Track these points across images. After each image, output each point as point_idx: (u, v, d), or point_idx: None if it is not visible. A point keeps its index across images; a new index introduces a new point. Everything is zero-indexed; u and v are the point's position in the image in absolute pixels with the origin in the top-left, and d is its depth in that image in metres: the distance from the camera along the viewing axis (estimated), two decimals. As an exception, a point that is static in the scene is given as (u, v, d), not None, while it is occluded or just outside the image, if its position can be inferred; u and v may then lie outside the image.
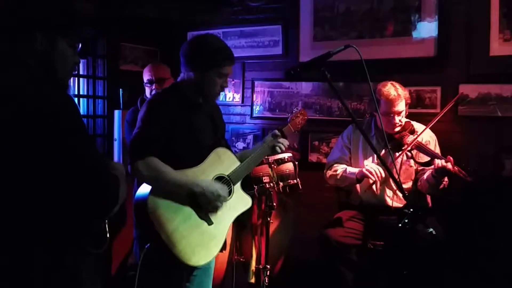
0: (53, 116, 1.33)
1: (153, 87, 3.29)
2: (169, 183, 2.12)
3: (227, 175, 2.33)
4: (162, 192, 2.13)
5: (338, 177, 3.10)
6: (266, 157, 2.84)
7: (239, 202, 2.36)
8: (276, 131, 2.57)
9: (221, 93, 2.38)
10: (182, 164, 2.21)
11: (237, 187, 2.37)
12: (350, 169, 3.07)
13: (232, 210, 2.32)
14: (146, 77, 3.35)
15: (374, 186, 3.00)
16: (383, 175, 2.88)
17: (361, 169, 2.99)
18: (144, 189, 2.16)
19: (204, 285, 2.41)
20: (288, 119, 2.74)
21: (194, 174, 2.22)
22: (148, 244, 2.16)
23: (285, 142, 2.55)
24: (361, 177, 2.99)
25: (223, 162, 2.34)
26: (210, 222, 2.21)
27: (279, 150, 2.52)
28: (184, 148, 2.24)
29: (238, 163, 2.39)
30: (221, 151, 2.36)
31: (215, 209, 2.22)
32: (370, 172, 2.89)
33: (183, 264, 2.11)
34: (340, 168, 3.12)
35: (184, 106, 2.27)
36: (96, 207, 1.41)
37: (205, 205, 2.19)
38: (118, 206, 1.46)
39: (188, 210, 2.18)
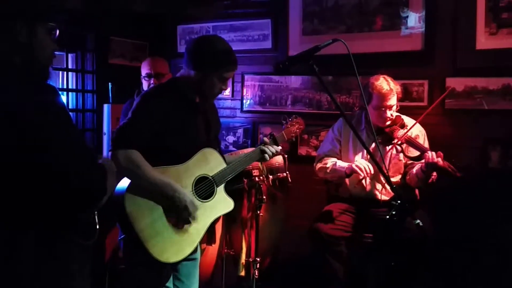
0: (39, 112, 1.34)
1: (151, 81, 3.25)
2: (143, 178, 2.10)
3: (211, 176, 2.30)
4: (140, 189, 2.11)
5: (328, 170, 3.11)
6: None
7: (221, 204, 2.33)
8: (265, 138, 2.56)
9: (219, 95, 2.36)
10: (170, 159, 2.20)
11: (220, 189, 2.33)
12: (340, 163, 3.08)
13: (212, 211, 2.29)
14: (144, 71, 3.30)
15: (363, 181, 3.02)
16: (372, 171, 2.89)
17: (350, 164, 2.99)
18: (124, 183, 2.15)
19: (191, 277, 2.41)
20: (283, 126, 2.72)
21: (177, 171, 2.20)
22: (124, 235, 2.18)
23: (275, 148, 2.53)
24: (350, 172, 2.99)
25: (209, 162, 2.32)
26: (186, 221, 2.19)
27: (267, 157, 2.51)
28: (176, 144, 2.21)
29: (224, 165, 2.37)
30: (208, 151, 2.33)
31: (180, 216, 2.17)
32: (360, 168, 2.89)
33: (155, 259, 2.10)
34: (330, 162, 3.13)
35: (179, 102, 2.25)
36: (84, 198, 1.41)
37: (172, 209, 2.15)
38: (106, 197, 1.46)
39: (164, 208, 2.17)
